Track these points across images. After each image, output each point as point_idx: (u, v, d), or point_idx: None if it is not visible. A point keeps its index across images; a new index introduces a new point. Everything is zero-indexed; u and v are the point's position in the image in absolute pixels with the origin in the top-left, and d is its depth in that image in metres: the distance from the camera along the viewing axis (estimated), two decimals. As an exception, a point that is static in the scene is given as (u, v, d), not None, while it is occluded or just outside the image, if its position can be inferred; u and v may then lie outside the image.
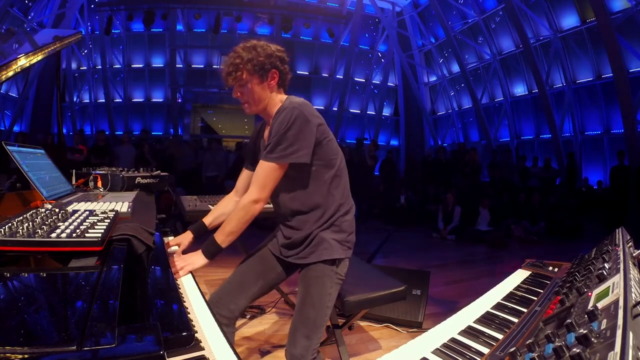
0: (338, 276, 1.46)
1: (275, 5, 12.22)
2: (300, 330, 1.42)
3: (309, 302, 1.43)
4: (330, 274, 1.44)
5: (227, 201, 1.66)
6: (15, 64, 1.73)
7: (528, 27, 10.11)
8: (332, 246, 1.44)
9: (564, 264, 1.44)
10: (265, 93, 1.42)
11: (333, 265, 1.44)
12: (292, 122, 1.34)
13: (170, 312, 0.85)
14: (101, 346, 0.52)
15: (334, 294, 1.47)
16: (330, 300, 1.45)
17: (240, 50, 1.39)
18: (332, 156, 1.45)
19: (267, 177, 1.39)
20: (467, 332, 1.02)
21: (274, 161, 1.37)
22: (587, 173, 9.92)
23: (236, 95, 1.44)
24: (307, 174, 1.43)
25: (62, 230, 0.86)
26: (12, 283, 0.70)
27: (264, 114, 1.48)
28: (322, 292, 1.43)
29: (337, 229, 1.46)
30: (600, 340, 0.56)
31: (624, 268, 0.85)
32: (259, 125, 1.65)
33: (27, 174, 1.31)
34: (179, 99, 13.59)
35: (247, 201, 1.41)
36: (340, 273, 1.47)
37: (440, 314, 2.96)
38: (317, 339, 1.44)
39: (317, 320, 1.43)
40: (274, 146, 1.36)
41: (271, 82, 1.41)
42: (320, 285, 1.43)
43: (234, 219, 1.42)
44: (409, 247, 5.81)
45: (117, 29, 12.41)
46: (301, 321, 1.43)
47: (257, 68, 1.37)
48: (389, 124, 15.54)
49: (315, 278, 1.44)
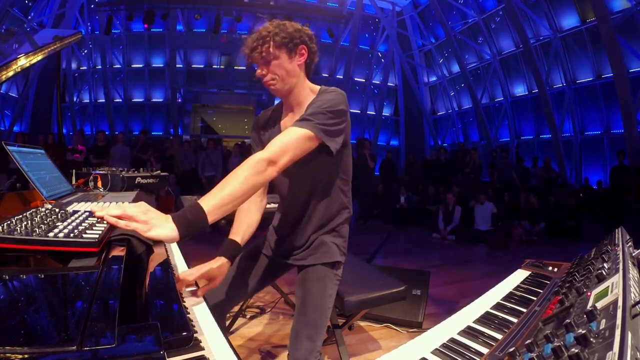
0: (337, 277, 1.46)
1: (275, 5, 12.22)
2: (303, 332, 1.39)
3: (311, 305, 1.39)
4: (330, 275, 1.43)
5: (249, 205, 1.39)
6: (15, 64, 1.73)
7: (528, 27, 10.11)
8: (332, 250, 1.42)
9: (564, 264, 1.44)
10: (295, 70, 1.28)
11: (333, 268, 1.44)
12: (340, 106, 1.23)
13: (170, 312, 0.86)
14: (101, 346, 0.52)
15: (334, 295, 1.46)
16: (331, 301, 1.44)
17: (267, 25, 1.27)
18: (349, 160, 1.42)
19: (293, 143, 1.14)
20: (467, 332, 1.02)
21: (311, 128, 1.16)
22: (587, 173, 9.92)
23: (261, 74, 1.28)
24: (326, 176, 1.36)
25: (60, 230, 0.86)
26: (12, 283, 0.70)
27: (291, 96, 1.33)
28: (323, 294, 1.41)
29: (337, 234, 1.45)
30: (599, 340, 0.56)
31: (623, 268, 0.85)
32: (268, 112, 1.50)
33: (27, 174, 1.31)
34: (179, 99, 13.60)
35: (259, 158, 1.09)
36: (338, 274, 1.47)
37: (440, 314, 2.96)
38: (319, 341, 1.41)
39: (319, 322, 1.40)
40: (313, 114, 1.18)
41: (299, 59, 1.28)
42: (322, 287, 1.41)
43: (235, 179, 1.04)
44: (409, 247, 5.81)
45: (117, 29, 12.41)
46: (303, 323, 1.39)
47: (285, 41, 1.24)
48: (389, 124, 15.54)
49: (316, 280, 1.41)
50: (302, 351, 1.36)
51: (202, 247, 5.10)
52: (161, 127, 13.97)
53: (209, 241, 5.56)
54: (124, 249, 0.95)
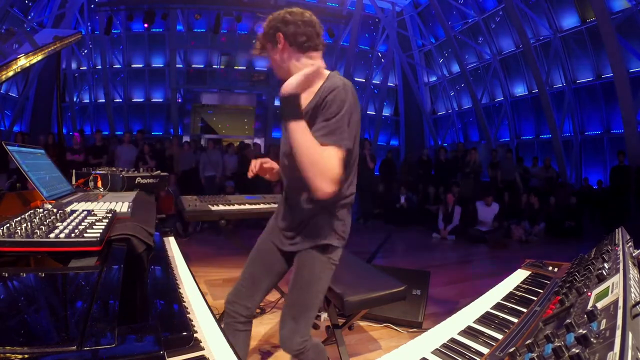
0: (331, 261, 1.44)
1: (275, 5, 12.22)
2: (287, 312, 1.43)
3: (297, 285, 1.43)
4: (321, 257, 1.42)
5: None
6: (15, 64, 1.73)
7: (528, 27, 10.11)
8: (323, 231, 1.41)
9: (564, 264, 1.44)
10: (282, 57, 1.40)
11: (324, 252, 1.42)
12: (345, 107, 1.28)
13: (170, 312, 0.85)
14: (101, 346, 0.52)
15: (325, 278, 1.45)
16: (320, 284, 1.44)
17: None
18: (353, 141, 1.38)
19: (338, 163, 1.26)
20: (467, 332, 1.02)
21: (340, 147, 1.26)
22: (587, 173, 9.93)
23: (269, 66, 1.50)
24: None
25: (61, 231, 0.86)
26: (12, 283, 0.70)
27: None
28: (311, 275, 1.42)
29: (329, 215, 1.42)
30: (600, 340, 0.56)
31: (624, 268, 0.85)
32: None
33: (27, 174, 1.31)
34: (179, 99, 13.60)
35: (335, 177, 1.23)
36: (333, 258, 1.44)
37: (440, 314, 2.96)
38: (304, 323, 1.43)
39: (305, 303, 1.42)
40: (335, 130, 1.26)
41: (279, 46, 1.38)
42: (310, 267, 1.42)
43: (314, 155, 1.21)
44: (409, 247, 5.81)
45: (117, 29, 12.41)
46: (288, 304, 1.44)
47: (267, 37, 1.41)
48: (389, 124, 15.54)
49: (305, 261, 1.43)
50: (285, 331, 1.41)
51: (203, 247, 5.11)
52: (161, 127, 13.98)
53: (209, 241, 5.57)
54: (124, 248, 0.95)
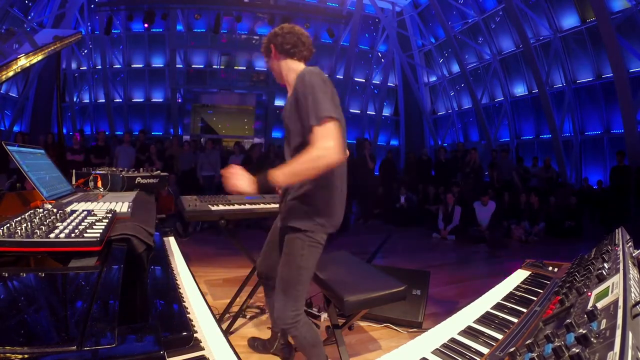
0: (311, 240, 1.54)
1: (275, 5, 12.23)
2: (278, 285, 1.59)
3: (284, 262, 1.58)
4: (301, 236, 1.53)
5: None
6: (15, 64, 1.73)
7: (528, 27, 10.11)
8: (299, 217, 1.53)
9: (564, 264, 1.44)
10: (277, 65, 1.66)
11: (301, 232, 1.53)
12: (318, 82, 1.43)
13: (170, 312, 0.86)
14: (101, 346, 0.52)
15: (308, 255, 1.54)
16: (304, 260, 1.54)
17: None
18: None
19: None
20: (467, 332, 1.02)
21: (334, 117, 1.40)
22: (587, 173, 9.93)
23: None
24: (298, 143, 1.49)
25: (61, 231, 0.86)
26: (12, 283, 0.70)
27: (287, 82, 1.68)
28: (293, 252, 1.55)
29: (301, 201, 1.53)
30: (600, 340, 0.56)
31: (624, 268, 0.85)
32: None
33: (27, 174, 1.31)
34: (179, 99, 13.60)
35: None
36: (313, 237, 1.54)
37: (440, 314, 2.96)
38: (293, 297, 1.55)
39: (289, 278, 1.55)
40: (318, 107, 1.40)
41: (271, 56, 1.66)
42: (291, 245, 1.56)
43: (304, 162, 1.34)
44: (409, 247, 5.81)
45: (117, 29, 12.41)
46: (278, 278, 1.60)
47: (265, 50, 1.69)
48: (389, 124, 15.54)
49: (287, 239, 1.58)
50: (278, 303, 1.59)
51: (203, 247, 5.11)
52: (161, 127, 13.98)
53: (209, 241, 5.57)
54: (124, 248, 0.95)
